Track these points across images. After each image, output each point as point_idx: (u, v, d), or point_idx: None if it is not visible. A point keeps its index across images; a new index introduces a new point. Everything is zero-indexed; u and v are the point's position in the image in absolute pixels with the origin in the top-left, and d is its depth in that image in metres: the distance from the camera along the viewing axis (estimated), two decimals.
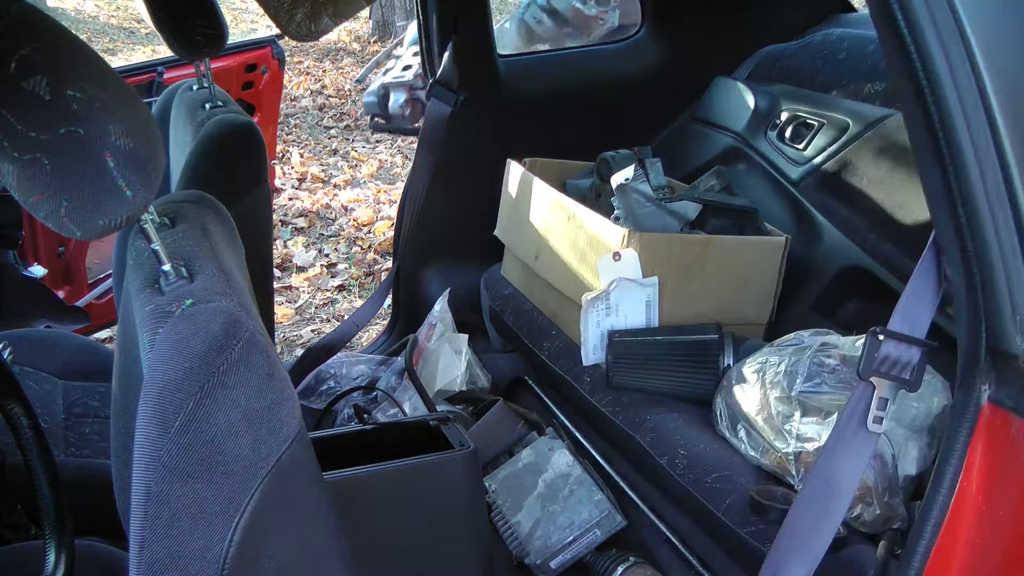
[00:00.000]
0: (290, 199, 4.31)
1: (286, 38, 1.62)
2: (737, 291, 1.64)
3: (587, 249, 1.63)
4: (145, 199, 0.70)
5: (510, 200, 1.96)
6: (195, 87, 1.64)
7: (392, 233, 2.65)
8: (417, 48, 2.34)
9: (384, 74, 2.37)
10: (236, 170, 1.47)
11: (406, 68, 2.38)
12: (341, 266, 3.66)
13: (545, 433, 1.75)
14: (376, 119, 2.45)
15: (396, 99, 2.30)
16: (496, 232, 2.01)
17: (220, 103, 1.54)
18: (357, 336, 2.64)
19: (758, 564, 0.99)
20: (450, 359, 1.96)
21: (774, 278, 1.66)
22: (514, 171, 1.93)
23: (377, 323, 2.94)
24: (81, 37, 0.71)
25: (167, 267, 0.74)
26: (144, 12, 1.46)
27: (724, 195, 1.74)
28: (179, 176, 1.45)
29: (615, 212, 1.67)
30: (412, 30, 2.43)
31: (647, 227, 1.64)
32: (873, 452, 0.93)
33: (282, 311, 3.26)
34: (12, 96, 0.65)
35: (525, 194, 1.87)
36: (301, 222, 4.06)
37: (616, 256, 1.53)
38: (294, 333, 3.16)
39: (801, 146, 1.86)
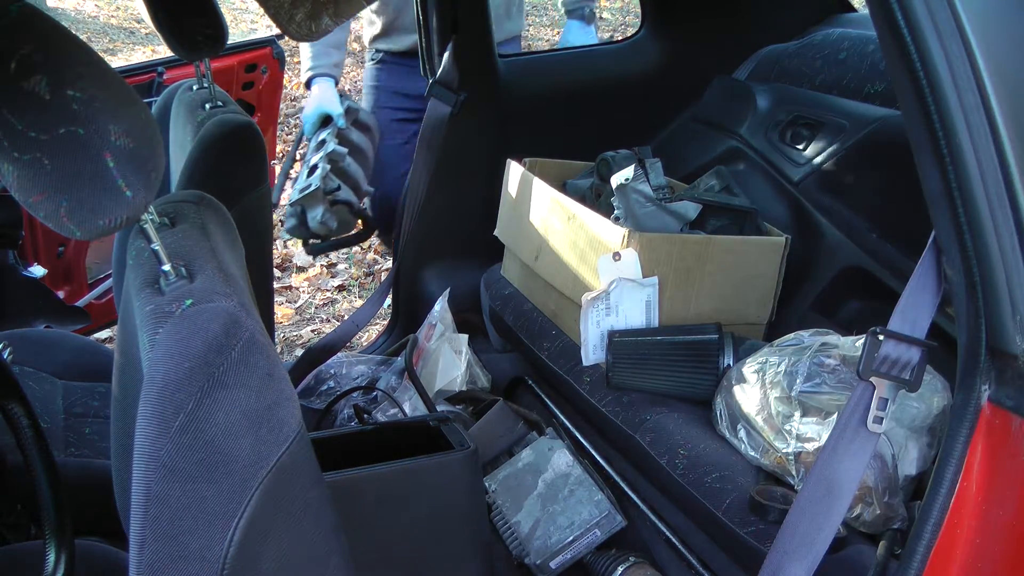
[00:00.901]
0: None
1: (286, 38, 1.62)
2: (737, 291, 1.64)
3: (587, 249, 1.62)
4: (145, 199, 0.70)
5: (510, 200, 1.96)
6: (195, 87, 1.64)
7: None
8: (322, 138, 2.10)
9: (295, 185, 2.11)
10: (236, 170, 1.47)
11: (311, 172, 2.04)
12: (341, 266, 3.66)
13: (545, 433, 1.75)
14: (311, 242, 2.17)
15: (313, 216, 2.00)
16: (496, 232, 2.01)
17: (220, 103, 1.54)
18: (357, 336, 2.64)
19: (758, 564, 0.99)
20: (450, 359, 1.96)
21: (774, 278, 1.66)
22: (514, 171, 1.93)
23: (377, 323, 2.94)
24: (81, 37, 0.71)
25: (167, 267, 0.74)
26: (144, 12, 1.46)
27: (724, 195, 1.74)
28: (179, 176, 1.45)
29: (615, 212, 1.66)
30: (308, 118, 2.16)
31: (647, 227, 1.63)
32: (873, 452, 0.92)
33: (282, 311, 3.26)
34: (12, 96, 0.65)
35: (525, 194, 1.87)
36: None
37: (616, 256, 1.53)
38: (294, 333, 3.16)
39: (801, 146, 1.86)
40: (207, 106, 1.53)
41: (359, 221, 2.15)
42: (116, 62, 5.54)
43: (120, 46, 7.23)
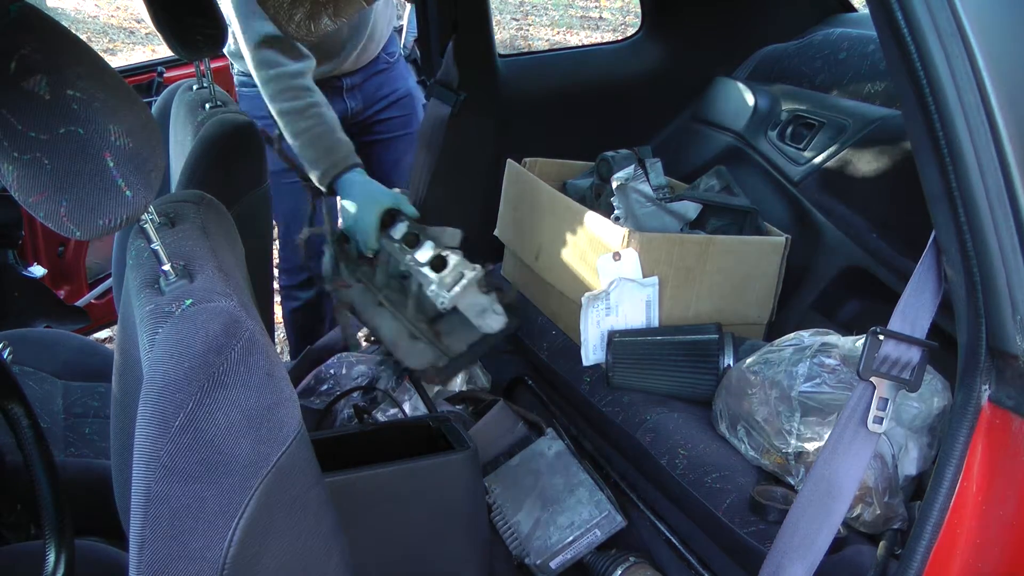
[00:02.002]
0: None
1: None
2: (737, 291, 1.64)
3: (587, 249, 1.62)
4: (145, 199, 0.70)
5: (510, 200, 1.96)
6: (195, 87, 1.64)
7: None
8: (406, 232, 1.64)
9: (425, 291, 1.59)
10: (236, 170, 1.47)
11: (439, 266, 1.59)
12: None
13: (545, 433, 1.75)
14: (441, 365, 1.66)
15: (480, 310, 1.56)
16: (496, 232, 2.01)
17: (220, 103, 1.54)
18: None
19: (758, 564, 0.99)
20: None
21: (774, 278, 1.66)
22: (514, 171, 1.93)
23: None
24: (81, 37, 0.71)
25: (167, 267, 0.74)
26: (144, 12, 1.46)
27: (724, 195, 1.74)
28: (179, 176, 1.45)
29: (615, 212, 1.66)
30: (369, 224, 1.66)
31: (647, 227, 1.63)
32: (873, 452, 0.93)
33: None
34: (12, 96, 0.65)
35: (525, 194, 1.87)
36: None
37: (616, 256, 1.53)
38: None
39: (801, 146, 1.86)
40: (207, 106, 1.53)
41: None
42: (116, 62, 5.54)
43: (120, 46, 7.23)
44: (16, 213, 2.11)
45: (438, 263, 1.58)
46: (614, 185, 1.70)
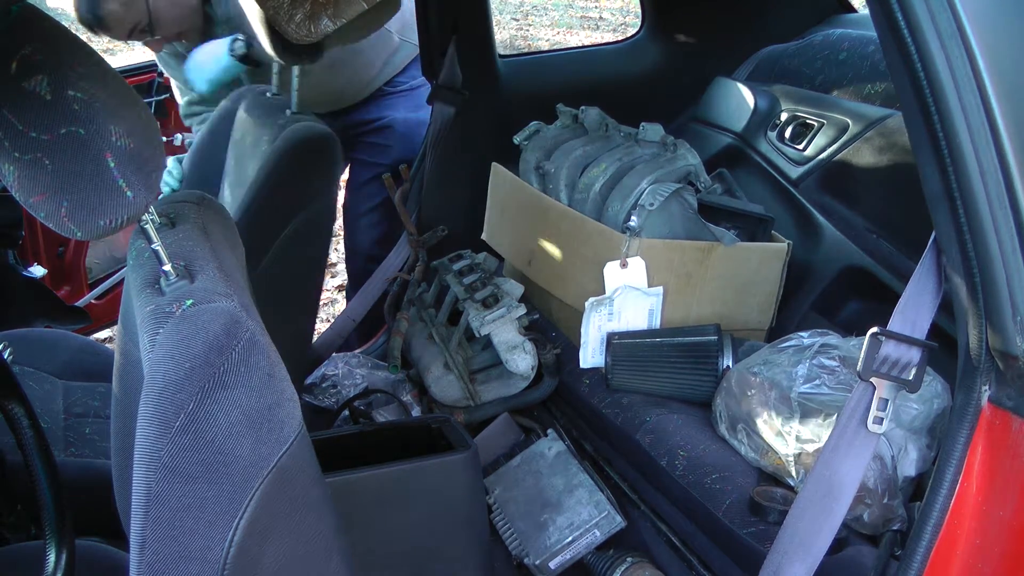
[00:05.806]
0: None
1: None
2: (738, 297, 1.63)
3: (583, 255, 1.62)
4: (145, 199, 0.70)
5: (498, 205, 1.95)
6: (268, 93, 1.68)
7: None
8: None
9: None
10: (311, 177, 1.50)
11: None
12: (341, 266, 3.66)
13: (545, 435, 1.75)
14: None
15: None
16: (484, 236, 2.00)
17: (298, 111, 1.59)
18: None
19: (758, 565, 0.99)
20: None
21: (775, 284, 1.65)
22: (500, 174, 1.93)
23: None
24: (81, 37, 0.71)
25: (167, 267, 0.74)
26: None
27: (727, 197, 1.73)
28: (254, 176, 1.46)
29: (630, 222, 1.61)
30: None
31: (680, 231, 1.59)
32: (873, 453, 0.93)
33: None
34: (13, 96, 0.65)
35: (514, 199, 1.86)
36: None
37: (623, 264, 1.53)
38: None
39: (801, 146, 1.86)
40: (288, 111, 1.56)
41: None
42: (116, 62, 5.53)
43: (120, 46, 7.23)
44: (16, 213, 2.11)
45: (490, 301, 1.74)
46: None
